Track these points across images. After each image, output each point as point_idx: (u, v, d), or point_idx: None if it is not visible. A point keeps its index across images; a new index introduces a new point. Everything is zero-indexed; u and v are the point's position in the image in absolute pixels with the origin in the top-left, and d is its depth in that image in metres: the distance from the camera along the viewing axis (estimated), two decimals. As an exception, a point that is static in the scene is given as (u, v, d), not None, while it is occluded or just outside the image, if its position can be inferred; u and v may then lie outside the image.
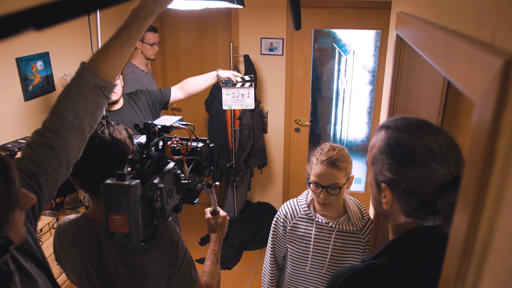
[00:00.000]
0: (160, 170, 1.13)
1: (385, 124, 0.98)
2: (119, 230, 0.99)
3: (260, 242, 3.98)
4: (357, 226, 1.70)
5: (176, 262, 1.30)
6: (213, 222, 1.56)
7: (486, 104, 0.45)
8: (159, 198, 1.07)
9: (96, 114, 1.04)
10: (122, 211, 0.97)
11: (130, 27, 0.99)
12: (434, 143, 0.86)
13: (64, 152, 1.01)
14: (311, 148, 4.12)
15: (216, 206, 1.58)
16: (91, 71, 1.00)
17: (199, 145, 1.34)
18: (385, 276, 0.91)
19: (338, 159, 1.58)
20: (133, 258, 1.26)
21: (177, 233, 1.31)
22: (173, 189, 1.17)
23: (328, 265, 1.73)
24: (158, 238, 1.26)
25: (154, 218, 1.06)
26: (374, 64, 3.70)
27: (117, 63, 1.02)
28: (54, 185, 1.03)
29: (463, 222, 0.48)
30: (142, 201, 1.01)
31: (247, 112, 3.72)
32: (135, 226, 0.98)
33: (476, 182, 0.45)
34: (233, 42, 3.75)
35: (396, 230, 0.96)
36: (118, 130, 1.24)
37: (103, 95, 1.03)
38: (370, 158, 0.98)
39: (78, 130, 1.02)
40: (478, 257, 0.46)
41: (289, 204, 1.83)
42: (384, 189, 0.92)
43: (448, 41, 0.65)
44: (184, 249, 1.33)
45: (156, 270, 1.27)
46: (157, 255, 1.26)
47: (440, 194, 0.83)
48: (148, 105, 2.76)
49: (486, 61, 0.46)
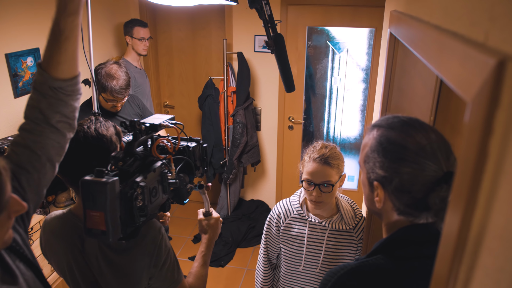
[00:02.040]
0: (145, 169, 1.12)
1: (376, 123, 0.99)
2: (96, 226, 0.99)
3: (253, 240, 3.98)
4: (350, 224, 1.71)
5: (158, 262, 1.28)
6: (205, 223, 1.54)
7: (479, 103, 0.45)
8: (140, 196, 1.06)
9: (65, 111, 1.03)
10: (99, 208, 0.97)
11: (58, 21, 0.97)
12: (425, 140, 0.87)
13: (42, 150, 1.01)
14: (304, 146, 4.13)
15: (209, 207, 1.56)
16: (41, 73, 1.00)
17: (191, 144, 1.32)
18: (378, 273, 0.91)
19: (331, 156, 1.58)
20: (115, 256, 1.26)
21: (161, 233, 1.30)
22: (158, 188, 1.16)
23: (321, 265, 1.73)
24: (141, 237, 1.25)
25: (134, 216, 1.05)
26: (367, 62, 3.71)
27: (64, 59, 0.99)
28: (39, 183, 1.03)
29: (455, 222, 0.48)
30: (121, 198, 1.00)
31: (241, 109, 3.72)
32: (112, 223, 0.98)
33: (468, 181, 0.45)
34: (227, 39, 3.73)
35: (389, 228, 0.96)
36: (105, 127, 1.24)
37: (62, 94, 1.01)
38: (363, 157, 0.99)
39: (51, 127, 1.02)
40: (470, 256, 0.46)
41: (282, 204, 1.82)
42: (377, 187, 0.93)
43: (441, 40, 0.65)
44: (167, 249, 1.32)
45: (137, 269, 1.26)
46: (138, 254, 1.25)
47: (432, 190, 0.83)
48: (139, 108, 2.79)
49: (479, 61, 0.46)
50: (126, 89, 2.45)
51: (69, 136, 1.08)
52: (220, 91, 3.87)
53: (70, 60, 1.01)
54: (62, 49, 0.98)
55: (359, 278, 0.93)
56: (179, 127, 1.26)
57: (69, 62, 1.01)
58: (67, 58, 1.00)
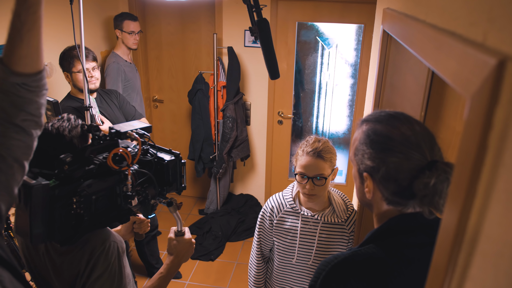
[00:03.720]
0: (98, 177, 1.10)
1: (365, 118, 1.05)
2: (22, 226, 0.99)
3: (242, 234, 4.02)
4: (341, 217, 1.75)
5: (92, 273, 1.20)
6: (173, 244, 1.43)
7: (479, 100, 0.48)
8: (78, 204, 1.03)
9: (30, 109, 0.97)
10: (24, 209, 0.96)
11: (18, 13, 0.91)
12: (410, 131, 0.93)
13: (7, 151, 0.95)
14: (294, 140, 4.16)
15: (181, 226, 1.44)
16: (2, 69, 0.93)
17: (167, 158, 1.25)
18: (371, 262, 0.95)
19: (324, 150, 1.62)
20: (56, 255, 1.23)
21: (103, 245, 1.21)
22: (108, 199, 1.12)
23: (314, 257, 1.77)
24: (81, 244, 1.20)
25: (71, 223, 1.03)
26: (356, 58, 3.75)
27: (26, 53, 0.93)
28: (8, 184, 0.97)
29: (455, 211, 0.51)
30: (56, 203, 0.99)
31: (231, 104, 3.73)
32: (33, 227, 0.97)
33: (468, 172, 0.48)
34: (217, 34, 3.74)
35: (379, 219, 1.01)
36: (70, 127, 1.20)
37: (25, 91, 0.95)
38: (353, 151, 1.04)
39: (16, 126, 0.96)
40: (469, 243, 0.49)
41: (275, 198, 1.85)
42: (366, 177, 0.98)
43: (438, 39, 0.68)
44: (107, 263, 1.22)
45: (71, 275, 1.22)
46: (74, 260, 1.21)
47: (416, 177, 0.88)
48: (117, 106, 2.78)
49: (479, 60, 0.49)
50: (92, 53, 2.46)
51: (36, 134, 1.02)
52: (210, 86, 3.87)
53: (33, 53, 0.95)
54: (25, 43, 0.92)
55: (352, 266, 0.97)
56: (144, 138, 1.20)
57: (32, 56, 0.95)
58: (30, 52, 0.94)
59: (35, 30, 0.94)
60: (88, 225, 1.10)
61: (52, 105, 1.79)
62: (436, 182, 0.83)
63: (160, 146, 1.32)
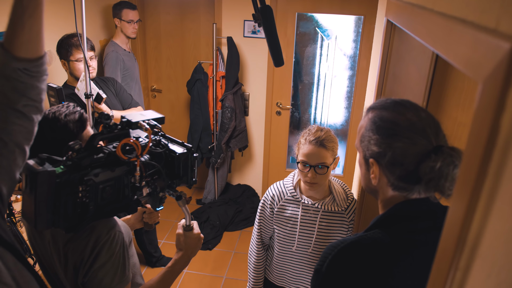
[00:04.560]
0: (107, 166, 1.10)
1: (371, 106, 1.06)
2: (28, 212, 0.99)
3: (240, 224, 4.04)
4: (341, 206, 1.77)
5: (95, 261, 1.20)
6: (182, 239, 1.42)
7: (492, 84, 0.49)
8: (84, 193, 1.04)
9: (31, 94, 0.98)
10: (30, 194, 0.96)
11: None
12: (415, 117, 0.95)
13: (8, 136, 0.96)
14: (292, 131, 4.18)
15: (190, 220, 1.43)
16: (4, 54, 0.93)
17: (178, 150, 1.23)
18: (376, 247, 0.97)
19: (326, 139, 1.63)
20: (61, 243, 1.24)
21: (108, 234, 1.21)
22: (115, 189, 1.12)
23: (314, 245, 1.79)
24: (86, 232, 1.21)
25: (76, 211, 1.03)
26: (355, 50, 3.76)
27: (28, 39, 0.94)
28: (10, 169, 0.99)
29: (466, 190, 0.53)
30: (62, 190, 0.99)
31: (230, 94, 3.73)
32: (38, 213, 0.97)
33: (481, 153, 0.50)
34: (216, 24, 3.73)
35: (385, 204, 1.03)
36: (68, 112, 1.20)
37: (27, 76, 0.96)
38: (359, 138, 1.05)
39: (17, 112, 0.97)
40: (479, 221, 0.51)
41: (276, 186, 1.87)
42: (372, 163, 0.99)
43: (448, 26, 0.70)
44: (112, 253, 1.21)
45: (72, 261, 1.22)
46: (79, 247, 1.21)
47: (422, 161, 0.90)
48: (113, 94, 2.78)
49: (492, 45, 0.51)
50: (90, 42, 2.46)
51: (37, 119, 1.02)
52: (209, 76, 3.87)
53: (35, 39, 0.95)
54: (26, 28, 0.92)
55: (359, 250, 0.98)
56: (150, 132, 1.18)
57: (34, 41, 0.95)
58: (32, 37, 0.94)
59: (37, 15, 0.94)
60: (94, 214, 1.10)
61: (56, 91, 1.79)
62: (442, 166, 0.85)
63: (172, 138, 1.29)
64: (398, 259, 0.97)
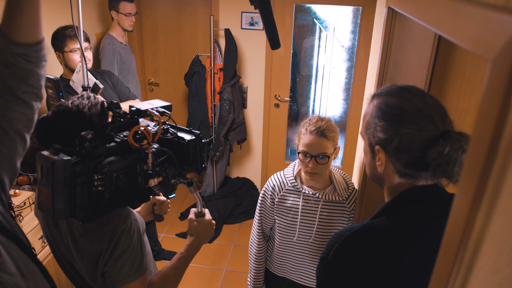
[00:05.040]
0: (119, 154, 1.10)
1: (376, 92, 1.05)
2: (44, 202, 0.99)
3: (239, 216, 4.05)
4: (342, 196, 1.77)
5: (115, 251, 1.21)
6: (194, 225, 1.44)
7: (502, 60, 0.49)
8: (100, 182, 1.04)
9: (30, 81, 0.97)
10: (47, 184, 0.96)
11: None
12: (422, 103, 0.94)
13: (8, 123, 0.96)
14: (290, 124, 4.17)
15: (201, 207, 1.45)
16: (1, 40, 0.92)
17: (187, 137, 1.25)
18: (383, 234, 0.96)
19: (327, 129, 1.63)
20: (77, 235, 1.24)
21: (125, 223, 1.22)
22: (129, 177, 1.13)
23: (315, 235, 1.79)
24: (102, 223, 1.21)
25: (89, 200, 1.04)
26: (353, 41, 3.75)
27: (27, 23, 0.92)
28: (11, 157, 0.98)
29: (475, 169, 0.53)
30: (77, 180, 0.99)
31: (228, 86, 3.72)
32: (56, 203, 0.97)
33: (491, 129, 0.50)
34: (214, 16, 3.70)
35: (391, 192, 1.02)
36: (90, 104, 1.20)
37: (26, 61, 0.94)
38: (364, 126, 1.04)
39: (17, 99, 0.96)
40: (489, 200, 0.51)
41: (277, 177, 1.87)
42: (378, 150, 0.98)
43: (454, 8, 0.69)
44: (130, 241, 1.23)
45: (94, 253, 1.23)
46: (96, 239, 1.22)
47: (430, 146, 0.89)
48: (110, 87, 2.77)
49: (502, 22, 0.50)
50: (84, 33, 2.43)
51: (37, 106, 1.01)
52: (207, 68, 3.85)
53: (33, 23, 0.93)
54: (24, 12, 0.90)
55: (365, 238, 0.97)
56: (162, 119, 1.20)
57: (32, 25, 0.93)
58: (30, 21, 0.92)
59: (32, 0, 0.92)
60: (109, 203, 1.10)
61: (53, 82, 1.77)
62: (451, 151, 0.84)
63: (180, 126, 1.31)
64: (406, 245, 0.96)
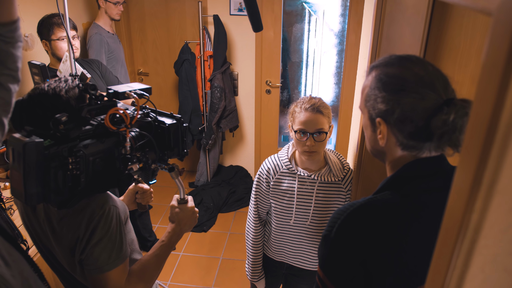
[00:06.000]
0: (96, 138, 1.07)
1: (374, 64, 1.01)
2: (17, 187, 0.95)
3: (234, 205, 4.03)
4: (338, 176, 1.75)
5: (91, 238, 1.17)
6: (175, 211, 1.39)
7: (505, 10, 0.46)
8: (74, 165, 1.01)
9: (7, 62, 0.92)
10: (18, 168, 0.93)
11: None
12: (423, 71, 0.91)
13: None
14: (282, 110, 4.15)
15: (184, 194, 1.40)
16: None
17: (168, 121, 1.21)
18: (387, 208, 0.94)
19: (321, 105, 1.62)
20: (54, 221, 1.21)
21: (103, 209, 1.18)
22: (106, 161, 1.10)
23: (312, 217, 1.78)
24: (79, 208, 1.18)
25: (67, 185, 1.01)
26: (343, 24, 3.72)
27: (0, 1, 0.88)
28: None
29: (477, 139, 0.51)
30: (49, 164, 0.96)
31: (218, 73, 3.68)
32: (28, 187, 0.94)
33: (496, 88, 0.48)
34: (201, 2, 3.64)
35: (393, 166, 0.99)
36: (67, 87, 1.16)
37: (0, 42, 0.89)
38: (363, 99, 1.01)
39: None
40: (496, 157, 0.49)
41: (271, 160, 1.84)
42: (379, 123, 0.95)
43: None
44: (107, 228, 1.19)
45: (70, 240, 1.19)
46: (73, 225, 1.18)
47: (433, 114, 0.86)
48: (99, 76, 2.72)
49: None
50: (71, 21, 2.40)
51: (14, 89, 0.96)
52: (196, 56, 3.80)
53: (6, 1, 0.88)
54: None
55: (369, 213, 0.95)
56: (145, 97, 1.16)
57: (5, 3, 0.88)
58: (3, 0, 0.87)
59: None
60: (86, 188, 1.07)
61: (40, 68, 1.72)
62: (456, 118, 0.82)
63: (161, 111, 1.26)
64: (410, 219, 0.94)
